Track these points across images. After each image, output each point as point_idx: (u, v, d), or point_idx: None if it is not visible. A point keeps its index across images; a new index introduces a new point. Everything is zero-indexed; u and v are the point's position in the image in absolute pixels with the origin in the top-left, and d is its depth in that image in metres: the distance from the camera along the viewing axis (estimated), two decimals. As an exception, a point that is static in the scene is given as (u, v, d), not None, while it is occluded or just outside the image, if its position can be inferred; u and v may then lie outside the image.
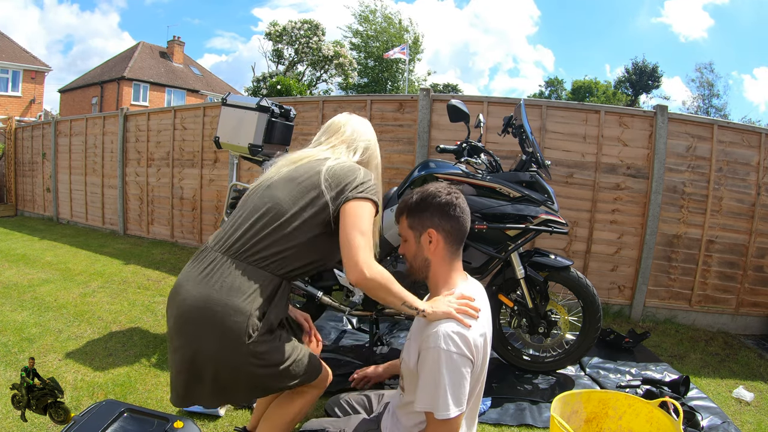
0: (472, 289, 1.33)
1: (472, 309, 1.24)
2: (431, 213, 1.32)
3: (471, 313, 1.23)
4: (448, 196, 1.33)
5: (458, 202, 1.33)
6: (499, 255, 2.28)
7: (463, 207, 1.34)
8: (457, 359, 1.16)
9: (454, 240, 1.32)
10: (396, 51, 17.76)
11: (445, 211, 1.31)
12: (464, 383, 1.17)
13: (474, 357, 1.19)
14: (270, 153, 2.70)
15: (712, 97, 26.53)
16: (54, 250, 5.14)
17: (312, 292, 2.57)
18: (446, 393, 1.15)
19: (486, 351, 1.28)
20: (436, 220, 1.31)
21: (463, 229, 1.33)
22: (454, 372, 1.15)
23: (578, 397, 1.69)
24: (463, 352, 1.17)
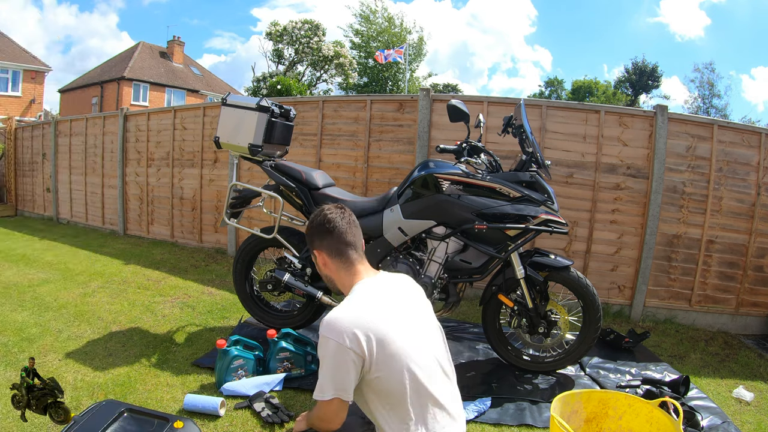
0: (364, 286, 1.41)
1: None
2: (311, 236, 1.50)
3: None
4: (321, 215, 1.47)
5: (331, 216, 1.45)
6: (499, 255, 2.28)
7: (335, 218, 1.45)
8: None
9: (337, 253, 1.45)
10: (392, 53, 17.55)
11: (319, 230, 1.46)
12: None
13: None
14: (270, 153, 2.71)
15: (713, 98, 26.54)
16: (54, 250, 5.14)
17: (312, 293, 2.57)
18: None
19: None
20: (316, 242, 1.48)
21: (342, 239, 1.44)
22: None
23: (578, 397, 1.70)
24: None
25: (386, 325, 1.31)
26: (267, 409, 1.98)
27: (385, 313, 1.34)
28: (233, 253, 4.94)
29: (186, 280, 4.06)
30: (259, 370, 2.30)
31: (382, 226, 2.41)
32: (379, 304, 1.37)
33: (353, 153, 4.25)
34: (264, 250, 2.86)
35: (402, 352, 1.30)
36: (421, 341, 1.37)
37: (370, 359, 1.27)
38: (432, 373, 1.34)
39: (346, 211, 1.50)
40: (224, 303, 3.45)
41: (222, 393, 2.11)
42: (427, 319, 1.45)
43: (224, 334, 2.85)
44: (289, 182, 2.58)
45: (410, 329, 1.36)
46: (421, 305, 1.48)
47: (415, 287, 1.53)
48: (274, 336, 2.35)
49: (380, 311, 1.34)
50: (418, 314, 1.44)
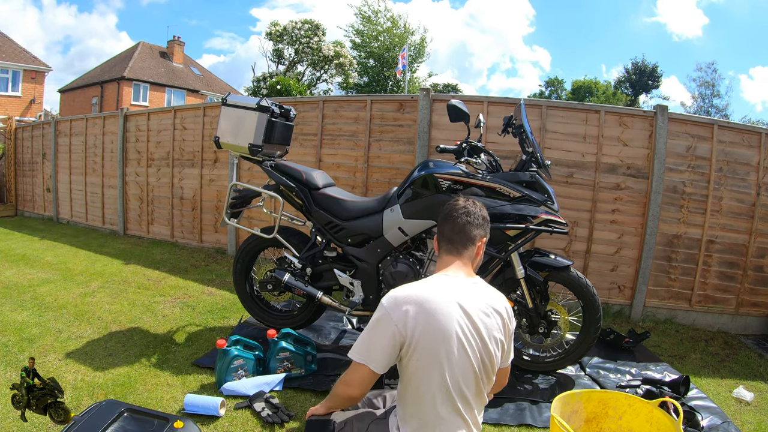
0: (426, 282, 1.40)
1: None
2: (439, 222, 1.55)
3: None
4: (449, 204, 1.51)
5: (455, 205, 1.49)
6: (499, 255, 2.28)
7: (456, 208, 1.48)
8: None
9: (444, 240, 1.49)
10: (400, 61, 17.43)
11: (443, 218, 1.51)
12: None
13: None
14: (270, 153, 2.70)
15: (714, 98, 26.53)
16: (54, 250, 5.14)
17: (312, 293, 2.57)
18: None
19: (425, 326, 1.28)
20: (439, 227, 1.53)
21: (456, 228, 1.46)
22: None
23: (578, 397, 1.70)
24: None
25: (440, 321, 1.28)
26: (267, 409, 1.98)
27: (446, 309, 1.29)
28: (233, 253, 4.94)
29: (186, 280, 4.06)
30: (259, 370, 2.30)
31: (382, 226, 2.41)
32: (445, 298, 1.31)
33: (353, 153, 4.25)
34: (264, 250, 2.86)
35: (441, 356, 1.27)
36: (463, 357, 1.29)
37: (409, 342, 1.28)
38: (460, 392, 1.30)
39: (477, 206, 1.50)
40: (224, 303, 3.45)
41: (222, 393, 2.11)
42: (482, 343, 1.33)
43: (224, 334, 2.85)
44: (289, 182, 2.58)
45: (460, 340, 1.29)
46: (486, 327, 1.34)
47: (491, 307, 1.38)
48: (274, 336, 2.35)
49: (443, 304, 1.30)
50: (476, 331, 1.32)
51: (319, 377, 2.32)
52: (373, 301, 2.49)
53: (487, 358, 1.33)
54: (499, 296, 1.43)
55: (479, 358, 1.31)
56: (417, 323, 1.27)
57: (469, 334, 1.30)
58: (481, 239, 1.49)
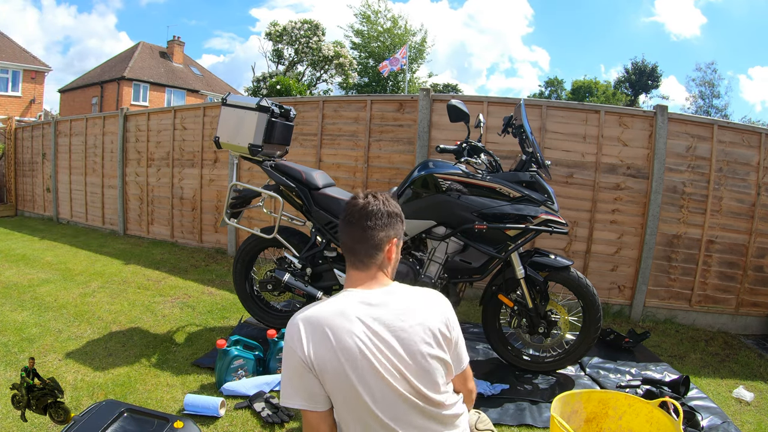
0: (327, 301, 1.18)
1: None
2: (339, 228, 1.30)
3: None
4: (346, 206, 1.24)
5: (351, 207, 1.22)
6: (499, 255, 2.28)
7: (352, 211, 1.21)
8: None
9: (345, 251, 1.25)
10: (398, 59, 17.24)
11: (339, 223, 1.27)
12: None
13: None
14: (270, 153, 2.71)
15: (713, 98, 26.53)
16: (54, 250, 5.14)
17: (312, 293, 2.57)
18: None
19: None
20: (339, 234, 1.30)
21: (355, 236, 1.20)
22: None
23: (578, 397, 1.70)
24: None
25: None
26: (267, 409, 1.98)
27: (345, 326, 1.09)
28: (233, 253, 4.94)
29: (186, 280, 4.06)
30: (259, 370, 2.30)
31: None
32: (345, 314, 1.11)
33: (353, 153, 4.25)
34: (264, 250, 2.86)
35: (352, 380, 1.07)
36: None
37: (317, 368, 1.08)
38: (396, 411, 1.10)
39: (379, 201, 1.23)
40: (224, 303, 3.45)
41: (222, 393, 2.11)
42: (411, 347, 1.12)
43: (224, 334, 2.85)
44: (289, 182, 2.58)
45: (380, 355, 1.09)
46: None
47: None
48: (274, 336, 2.35)
49: (341, 321, 1.09)
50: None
51: (319, 377, 2.32)
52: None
53: (416, 375, 1.11)
54: (431, 303, 1.20)
55: (402, 378, 1.09)
56: (315, 345, 1.08)
57: (378, 352, 1.08)
58: (390, 241, 1.21)
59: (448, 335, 1.17)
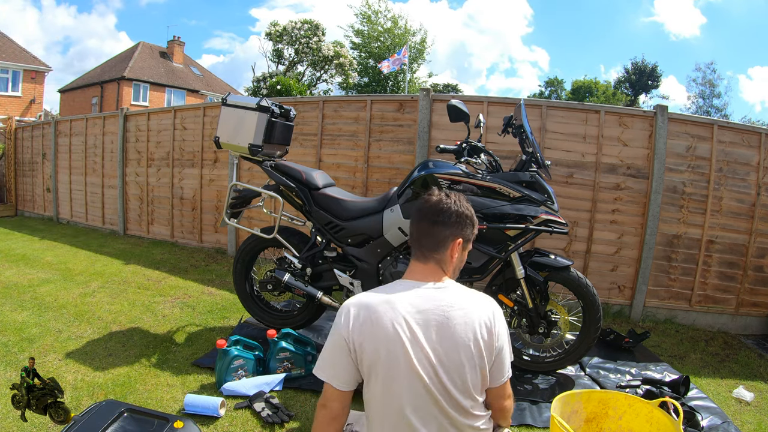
0: (382, 287, 1.27)
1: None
2: (410, 221, 1.37)
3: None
4: (420, 201, 1.33)
5: (425, 203, 1.30)
6: (499, 255, 2.28)
7: (426, 205, 1.28)
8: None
9: (412, 242, 1.31)
10: (398, 59, 17.19)
11: (411, 217, 1.35)
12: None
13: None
14: (270, 153, 2.70)
15: (713, 98, 26.53)
16: (54, 250, 5.14)
17: (312, 293, 2.57)
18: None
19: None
20: (410, 227, 1.36)
21: (423, 230, 1.27)
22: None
23: (578, 397, 1.70)
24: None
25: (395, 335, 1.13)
26: (267, 409, 1.98)
27: (393, 314, 1.14)
28: (233, 253, 4.94)
29: (186, 280, 4.06)
30: (259, 370, 2.30)
31: (382, 226, 2.41)
32: (397, 303, 1.17)
33: (353, 153, 4.25)
34: (264, 250, 2.86)
35: (388, 368, 1.13)
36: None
37: (357, 349, 1.14)
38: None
39: (452, 200, 1.30)
40: (224, 303, 3.45)
41: (222, 393, 2.11)
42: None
43: (224, 334, 2.85)
44: (289, 182, 2.58)
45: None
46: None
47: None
48: (274, 336, 2.35)
49: (391, 310, 1.15)
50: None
51: (319, 377, 2.32)
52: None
53: (447, 372, 1.13)
54: (479, 305, 1.21)
55: (433, 373, 1.12)
56: (363, 328, 1.14)
57: (416, 343, 1.12)
58: (455, 240, 1.26)
59: (491, 342, 1.19)
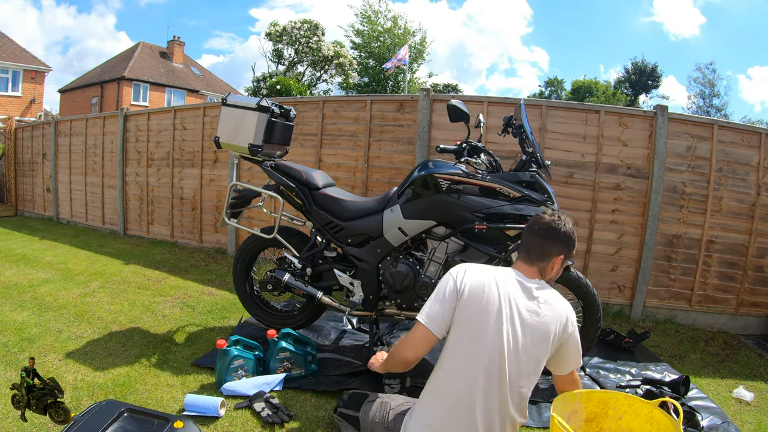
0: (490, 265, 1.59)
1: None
2: (524, 229, 1.65)
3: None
4: (535, 216, 1.63)
5: (539, 219, 1.56)
6: (499, 255, 2.28)
7: (539, 222, 1.55)
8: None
9: (522, 247, 1.58)
10: (401, 55, 17.16)
11: (526, 227, 1.61)
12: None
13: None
14: (270, 153, 2.70)
15: (713, 97, 26.53)
16: (54, 250, 5.14)
17: (312, 293, 2.57)
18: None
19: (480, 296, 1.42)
20: (522, 233, 1.64)
21: (534, 242, 1.53)
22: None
23: (578, 397, 1.69)
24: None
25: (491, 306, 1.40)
26: (267, 409, 1.98)
27: (496, 283, 1.43)
28: (233, 253, 4.94)
29: (186, 280, 4.06)
30: (259, 370, 2.30)
31: (382, 226, 2.41)
32: (501, 278, 1.46)
33: (353, 153, 4.25)
34: (264, 250, 2.86)
35: (480, 322, 1.39)
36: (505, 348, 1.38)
37: (461, 296, 1.41)
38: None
39: (562, 222, 1.55)
40: (224, 303, 3.45)
41: (222, 393, 2.11)
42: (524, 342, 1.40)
43: (224, 334, 2.85)
44: (289, 182, 2.58)
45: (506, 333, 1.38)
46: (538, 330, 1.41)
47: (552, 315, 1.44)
48: (274, 336, 2.35)
49: (495, 280, 1.44)
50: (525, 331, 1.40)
51: (319, 377, 2.32)
52: (373, 301, 2.49)
53: (521, 346, 1.38)
54: (558, 305, 1.45)
55: (514, 345, 1.37)
56: (471, 283, 1.42)
57: (508, 318, 1.38)
58: (558, 256, 1.51)
59: (564, 337, 1.45)
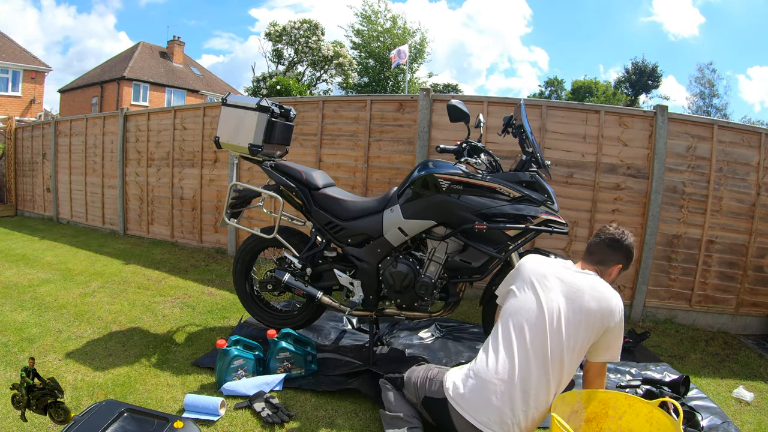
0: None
1: None
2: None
3: None
4: (604, 226, 1.90)
5: (606, 228, 1.85)
6: (499, 255, 2.28)
7: (606, 230, 1.84)
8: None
9: (587, 249, 1.87)
10: (404, 53, 17.17)
11: (595, 233, 1.89)
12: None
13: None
14: (270, 153, 2.70)
15: (713, 97, 26.53)
16: (54, 250, 5.14)
17: (312, 293, 2.57)
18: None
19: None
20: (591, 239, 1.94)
21: (597, 246, 1.82)
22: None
23: (578, 397, 1.69)
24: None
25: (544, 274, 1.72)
26: (267, 409, 1.98)
27: (551, 264, 1.77)
28: (233, 253, 4.94)
29: (186, 280, 4.06)
30: (259, 370, 2.30)
31: (382, 226, 2.41)
32: (558, 263, 1.79)
33: (353, 153, 4.25)
34: (264, 250, 2.86)
35: (535, 286, 1.69)
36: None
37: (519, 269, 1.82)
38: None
39: (625, 236, 1.86)
40: (224, 303, 3.45)
41: (222, 393, 2.11)
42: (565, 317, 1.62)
43: (224, 334, 2.85)
44: (289, 182, 2.58)
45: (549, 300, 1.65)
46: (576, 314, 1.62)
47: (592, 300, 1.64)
48: (274, 336, 2.35)
49: (552, 263, 1.79)
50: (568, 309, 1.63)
51: (319, 377, 2.32)
52: (373, 301, 2.49)
53: (567, 329, 1.58)
54: (604, 294, 1.64)
55: (558, 323, 1.59)
56: (533, 263, 1.78)
57: (553, 291, 1.65)
58: (617, 265, 1.78)
59: (606, 324, 1.61)
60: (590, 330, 1.59)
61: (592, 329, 1.59)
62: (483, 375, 1.59)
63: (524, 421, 1.54)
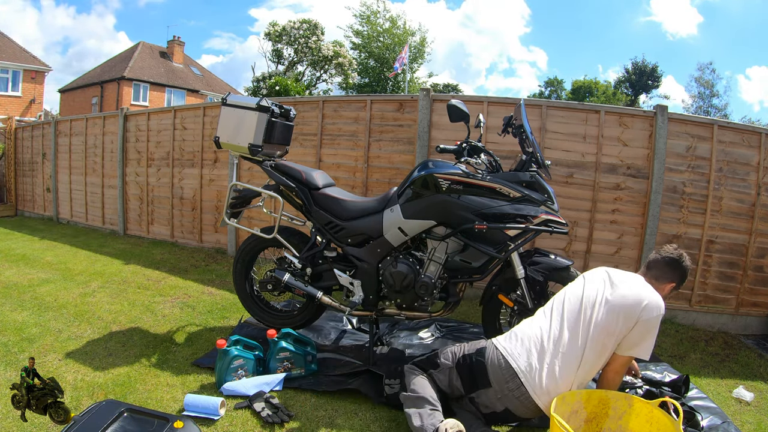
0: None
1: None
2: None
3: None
4: (665, 244, 2.12)
5: (667, 246, 2.03)
6: (499, 255, 2.28)
7: (666, 248, 2.02)
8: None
9: (647, 261, 2.10)
10: (402, 58, 17.15)
11: (656, 249, 2.10)
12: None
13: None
14: (270, 153, 2.70)
15: (713, 97, 26.54)
16: (54, 250, 5.14)
17: (312, 293, 2.57)
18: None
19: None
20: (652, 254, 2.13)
21: (656, 263, 2.02)
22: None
23: (578, 397, 1.70)
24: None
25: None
26: (267, 409, 1.98)
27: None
28: (233, 253, 4.94)
29: (186, 280, 4.06)
30: (259, 370, 2.30)
31: (382, 226, 2.41)
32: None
33: (353, 153, 4.25)
34: (264, 250, 2.86)
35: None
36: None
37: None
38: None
39: (684, 258, 1.98)
40: (224, 303, 3.45)
41: (222, 393, 2.11)
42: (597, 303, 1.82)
43: (224, 334, 2.85)
44: (289, 182, 2.58)
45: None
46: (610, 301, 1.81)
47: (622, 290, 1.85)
48: (274, 336, 2.35)
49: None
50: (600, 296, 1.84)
51: (319, 377, 2.32)
52: (373, 300, 2.49)
53: (600, 311, 1.77)
54: (642, 288, 1.82)
55: (593, 306, 1.80)
56: (591, 275, 2.03)
57: (598, 284, 1.89)
58: (671, 283, 1.95)
59: (636, 315, 1.74)
60: (621, 317, 1.73)
61: (624, 318, 1.73)
62: (523, 327, 1.90)
63: (546, 376, 1.70)
